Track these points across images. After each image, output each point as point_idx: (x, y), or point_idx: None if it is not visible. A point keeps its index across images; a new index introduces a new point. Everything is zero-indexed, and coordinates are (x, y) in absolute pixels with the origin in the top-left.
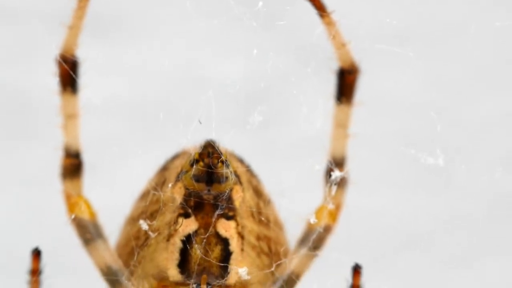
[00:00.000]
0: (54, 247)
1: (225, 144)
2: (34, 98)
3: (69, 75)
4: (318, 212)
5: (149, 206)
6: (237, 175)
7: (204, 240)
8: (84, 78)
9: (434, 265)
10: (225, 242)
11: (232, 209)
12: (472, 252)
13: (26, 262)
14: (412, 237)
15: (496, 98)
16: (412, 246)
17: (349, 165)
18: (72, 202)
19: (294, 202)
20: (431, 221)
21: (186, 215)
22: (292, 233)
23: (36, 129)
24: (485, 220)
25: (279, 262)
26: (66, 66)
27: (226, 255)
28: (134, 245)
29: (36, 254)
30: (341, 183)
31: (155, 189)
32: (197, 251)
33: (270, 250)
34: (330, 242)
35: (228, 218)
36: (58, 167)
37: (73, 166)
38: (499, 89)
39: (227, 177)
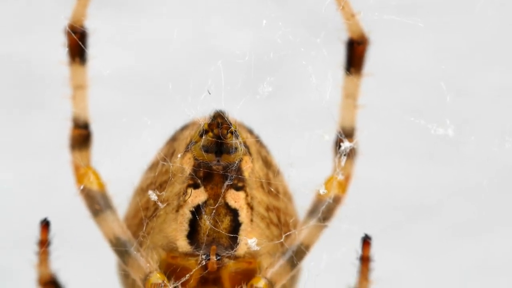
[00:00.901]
0: (63, 218)
1: (235, 114)
2: (42, 69)
3: (78, 45)
4: (328, 182)
5: (158, 177)
6: (246, 146)
7: (214, 211)
8: (93, 48)
9: (443, 236)
10: (234, 213)
11: (242, 179)
12: (481, 223)
13: (35, 233)
14: (421, 207)
15: (506, 68)
16: (421, 217)
17: (359, 136)
18: (80, 173)
19: (303, 172)
20: (440, 191)
21: (195, 186)
22: (302, 204)
23: (44, 100)
24: (495, 190)
25: (288, 233)
26: (75, 37)
27: (235, 226)
28: (143, 216)
29: (45, 225)
30: (351, 153)
31: (164, 159)
32: (206, 222)
33: (279, 221)
34: (340, 213)
35: (238, 188)
36: (66, 138)
37: (81, 136)
38: (509, 59)
39: (236, 148)
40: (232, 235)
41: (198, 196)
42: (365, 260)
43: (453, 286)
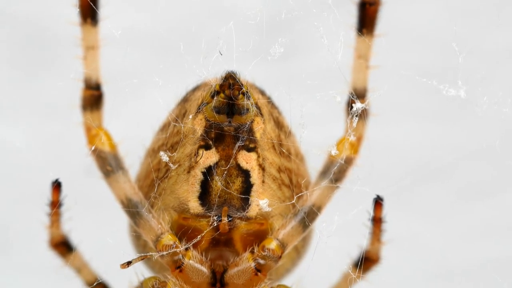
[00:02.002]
0: (75, 179)
1: (246, 75)
2: (53, 28)
3: (89, 6)
4: (339, 143)
5: (169, 138)
6: (258, 107)
7: (225, 172)
8: (104, 9)
9: (456, 197)
10: (246, 174)
11: (253, 140)
12: (493, 184)
13: (47, 194)
14: (434, 169)
15: None
16: (434, 178)
17: (371, 97)
18: (92, 134)
19: (315, 134)
20: (453, 152)
21: (207, 147)
22: (313, 165)
23: (56, 61)
24: (507, 151)
25: (300, 194)
26: None
27: (247, 187)
28: (155, 177)
29: (56, 186)
30: (363, 114)
31: (175, 120)
32: (218, 183)
33: (291, 182)
34: (351, 174)
35: (249, 150)
36: (78, 98)
37: (93, 97)
38: None
39: (248, 109)
40: (243, 196)
41: (210, 157)
42: (377, 221)
43: (466, 247)
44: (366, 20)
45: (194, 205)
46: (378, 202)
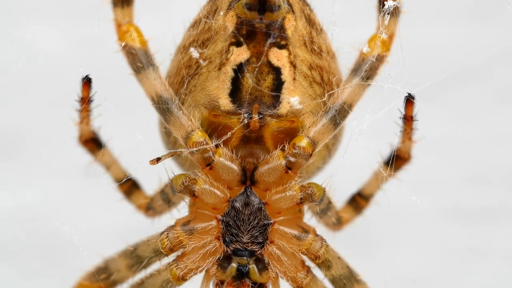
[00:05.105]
0: (105, 76)
1: None
2: None
3: None
4: (371, 41)
5: (200, 35)
6: (289, 4)
7: (256, 69)
8: None
9: (487, 98)
10: (277, 71)
11: (285, 38)
12: None
13: (76, 90)
14: (465, 67)
15: None
16: (465, 77)
17: None
18: (123, 30)
19: (346, 31)
20: (486, 52)
21: (238, 44)
22: (345, 62)
23: None
24: None
25: (331, 92)
26: None
27: (278, 85)
28: (185, 74)
29: (86, 81)
30: (394, 12)
31: (207, 17)
32: (248, 80)
33: (322, 79)
34: (383, 71)
35: (280, 47)
36: None
37: None
38: None
39: (279, 6)
40: (274, 93)
41: (241, 54)
42: (408, 119)
43: (499, 150)
44: None
45: (225, 102)
46: (409, 100)
